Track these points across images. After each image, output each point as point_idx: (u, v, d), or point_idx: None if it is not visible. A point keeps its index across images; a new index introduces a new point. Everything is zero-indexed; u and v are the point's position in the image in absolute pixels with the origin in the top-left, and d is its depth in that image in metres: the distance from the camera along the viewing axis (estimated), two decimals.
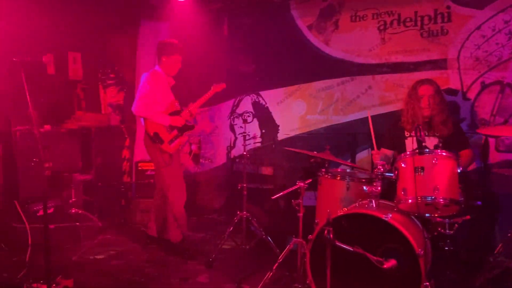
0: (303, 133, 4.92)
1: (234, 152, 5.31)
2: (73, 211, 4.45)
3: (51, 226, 4.16)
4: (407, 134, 3.40)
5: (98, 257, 3.85)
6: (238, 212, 3.88)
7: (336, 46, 4.70)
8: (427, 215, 2.69)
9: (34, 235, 3.83)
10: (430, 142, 3.21)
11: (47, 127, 4.64)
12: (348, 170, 3.59)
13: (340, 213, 2.72)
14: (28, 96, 2.91)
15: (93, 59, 5.61)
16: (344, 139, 4.62)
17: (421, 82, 3.35)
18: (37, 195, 4.18)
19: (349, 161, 4.57)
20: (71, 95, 5.36)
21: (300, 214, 3.03)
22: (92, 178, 4.88)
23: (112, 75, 5.77)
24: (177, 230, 3.86)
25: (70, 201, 4.47)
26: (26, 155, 4.20)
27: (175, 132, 3.82)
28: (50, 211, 4.38)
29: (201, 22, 5.27)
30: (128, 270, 3.54)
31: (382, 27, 4.44)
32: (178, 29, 5.45)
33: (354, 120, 4.66)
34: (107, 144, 5.32)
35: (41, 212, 4.01)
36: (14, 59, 2.90)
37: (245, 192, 3.94)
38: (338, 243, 2.33)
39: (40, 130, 4.42)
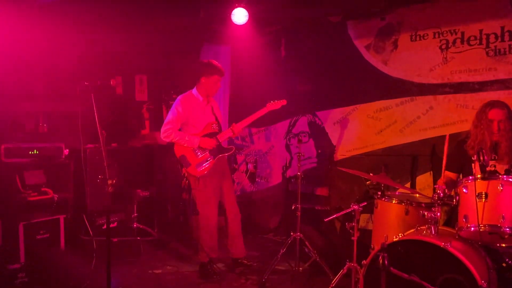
0: (360, 154, 4.81)
1: (290, 172, 5.29)
2: (135, 225, 4.69)
3: (114, 239, 4.43)
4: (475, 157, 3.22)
5: (156, 271, 4.00)
6: (292, 233, 3.87)
7: (395, 66, 4.60)
8: (488, 244, 2.52)
9: (99, 247, 4.08)
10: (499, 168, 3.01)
11: (114, 145, 4.97)
12: (406, 194, 3.47)
13: (397, 238, 2.64)
14: (97, 117, 3.15)
15: (157, 81, 5.95)
16: (403, 161, 4.46)
17: (491, 105, 3.10)
18: (102, 209, 4.48)
19: (408, 184, 4.41)
20: (137, 115, 5.70)
21: (355, 238, 2.98)
22: (153, 194, 5.10)
23: (174, 96, 6.03)
24: (204, 251, 3.89)
25: (132, 215, 4.71)
26: (94, 171, 4.53)
27: (206, 155, 3.80)
28: (114, 225, 4.66)
29: (259, 44, 5.42)
30: (183, 285, 3.64)
31: (444, 46, 4.29)
32: (237, 51, 5.66)
33: (415, 142, 4.49)
34: (168, 161, 5.57)
35: (105, 226, 4.26)
36: (85, 83, 3.15)
37: (299, 213, 3.92)
38: (393, 270, 2.25)
39: (107, 148, 4.76)
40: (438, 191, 2.71)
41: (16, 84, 4.38)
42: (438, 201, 2.70)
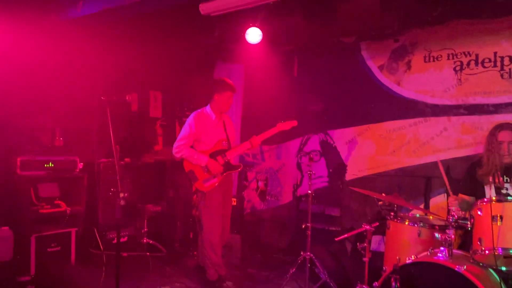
0: (373, 174, 4.79)
1: (301, 191, 5.28)
2: (145, 241, 4.69)
3: (124, 254, 4.43)
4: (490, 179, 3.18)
5: None
6: (302, 253, 3.82)
7: (408, 87, 4.60)
8: (503, 268, 2.46)
9: (109, 262, 4.08)
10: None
11: (127, 160, 5.01)
12: (418, 215, 3.42)
13: (409, 260, 2.60)
14: (111, 131, 3.20)
15: (171, 98, 6.03)
16: (416, 183, 4.42)
17: (500, 127, 3.13)
18: (113, 223, 4.49)
19: (422, 206, 4.35)
20: (151, 131, 5.76)
21: (366, 259, 2.94)
22: (163, 209, 5.11)
23: (188, 113, 6.07)
24: (212, 268, 3.87)
25: (142, 231, 4.72)
26: (107, 185, 4.56)
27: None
28: (124, 239, 4.66)
29: (272, 63, 5.46)
30: None
31: (458, 68, 4.29)
32: (251, 70, 5.73)
33: (428, 163, 4.45)
34: (179, 178, 5.59)
35: (116, 240, 4.27)
36: (102, 98, 3.21)
37: (309, 232, 3.88)
38: None
39: (120, 162, 4.82)
40: (453, 213, 2.66)
41: (34, 98, 4.48)
42: (453, 223, 2.65)
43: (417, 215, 3.42)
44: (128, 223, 4.77)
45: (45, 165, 4.23)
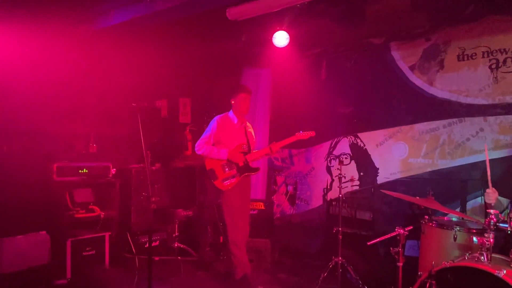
0: (405, 178, 4.68)
1: (331, 195, 5.22)
2: (176, 245, 4.74)
3: (156, 258, 4.50)
4: None
5: None
6: (333, 257, 3.77)
7: (441, 87, 4.47)
8: None
9: (142, 266, 4.14)
10: None
11: (158, 165, 5.09)
12: (455, 219, 3.30)
13: (446, 265, 2.51)
14: (142, 137, 3.27)
15: (200, 104, 6.10)
16: (452, 186, 4.29)
17: None
18: (145, 227, 4.57)
19: (458, 209, 4.20)
20: (180, 136, 5.85)
21: (400, 264, 2.86)
22: (194, 214, 5.15)
23: None
24: (238, 267, 3.92)
25: (174, 235, 4.77)
26: (139, 191, 4.65)
27: (233, 171, 3.96)
28: (156, 243, 4.73)
29: (300, 66, 5.46)
30: None
31: (494, 66, 4.14)
32: (278, 74, 5.72)
33: (464, 165, 4.30)
34: (209, 182, 5.61)
35: (148, 244, 4.33)
36: (133, 104, 3.30)
37: (340, 237, 3.86)
38: None
39: (151, 168, 4.90)
40: (492, 216, 2.56)
41: (68, 106, 4.65)
42: (492, 227, 2.55)
43: (454, 219, 3.31)
44: (160, 228, 4.83)
45: (80, 171, 4.36)
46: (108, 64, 4.85)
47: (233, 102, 4.08)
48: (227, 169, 3.98)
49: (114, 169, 4.62)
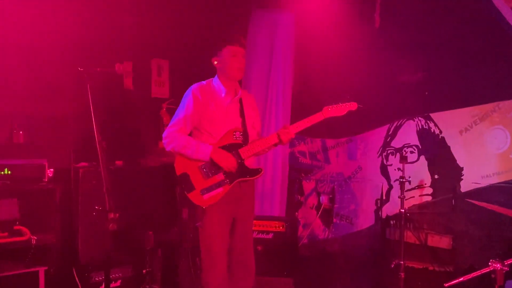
0: (506, 182, 4.67)
1: (387, 210, 5.26)
2: (147, 287, 4.68)
3: None
4: None
5: None
6: None
7: None
8: None
9: None
10: None
11: (119, 163, 5.04)
12: None
13: None
14: (94, 120, 3.19)
15: (184, 68, 6.04)
16: None
17: None
18: (100, 260, 4.50)
19: None
20: (153, 119, 5.78)
21: None
22: (175, 238, 5.10)
23: None
24: None
25: (144, 271, 4.72)
26: (90, 202, 4.58)
27: (219, 176, 3.76)
28: (116, 284, 4.68)
29: (339, 8, 5.44)
30: None
31: None
32: (305, 21, 5.72)
33: None
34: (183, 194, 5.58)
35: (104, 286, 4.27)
36: (80, 69, 3.25)
37: (402, 274, 3.99)
38: None
39: (109, 167, 4.82)
40: None
41: None
42: None
43: None
44: (123, 260, 4.79)
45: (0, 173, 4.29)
46: (40, 9, 4.76)
47: (216, 62, 3.90)
48: (209, 172, 3.77)
49: (52, 169, 4.55)
